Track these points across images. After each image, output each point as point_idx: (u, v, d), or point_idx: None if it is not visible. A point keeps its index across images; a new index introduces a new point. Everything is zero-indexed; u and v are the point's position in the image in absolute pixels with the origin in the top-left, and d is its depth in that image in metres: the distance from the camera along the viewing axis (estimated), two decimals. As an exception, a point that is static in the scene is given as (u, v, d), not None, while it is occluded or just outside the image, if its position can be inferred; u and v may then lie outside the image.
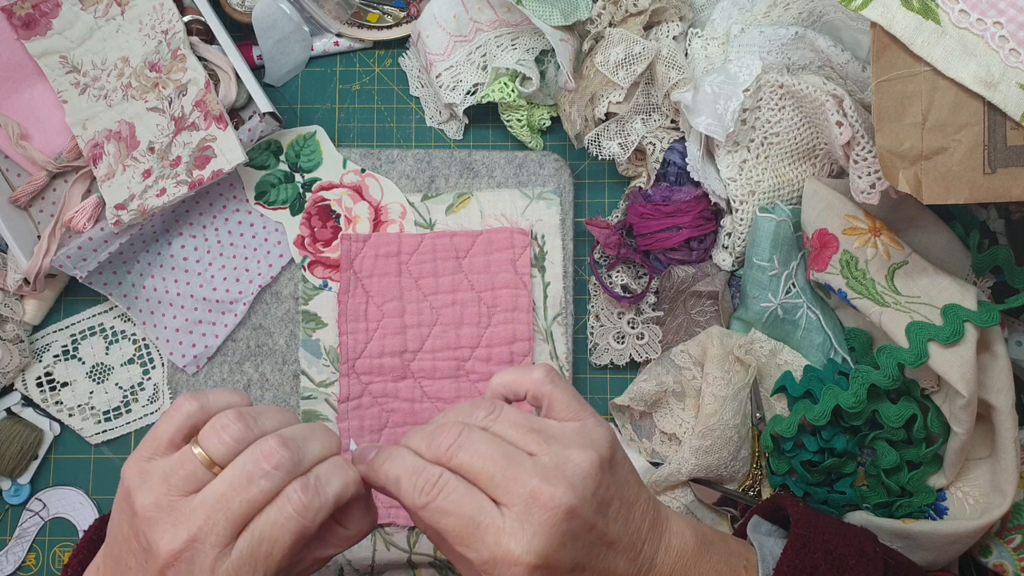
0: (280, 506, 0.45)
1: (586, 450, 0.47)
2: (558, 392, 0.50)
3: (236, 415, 0.47)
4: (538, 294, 0.77)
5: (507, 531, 0.44)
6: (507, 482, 0.45)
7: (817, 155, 0.72)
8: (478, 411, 0.49)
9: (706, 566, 0.51)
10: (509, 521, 0.45)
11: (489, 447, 0.46)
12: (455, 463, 0.46)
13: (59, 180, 0.79)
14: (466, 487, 0.46)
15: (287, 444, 0.46)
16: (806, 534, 0.52)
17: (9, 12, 0.77)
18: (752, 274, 0.72)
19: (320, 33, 0.81)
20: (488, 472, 0.45)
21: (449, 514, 0.45)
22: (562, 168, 0.78)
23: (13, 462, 0.76)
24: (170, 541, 0.44)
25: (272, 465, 0.45)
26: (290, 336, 0.78)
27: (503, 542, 0.44)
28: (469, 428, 0.47)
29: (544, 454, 0.46)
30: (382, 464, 0.49)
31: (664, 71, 0.72)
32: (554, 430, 0.48)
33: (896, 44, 0.56)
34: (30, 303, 0.78)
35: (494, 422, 0.49)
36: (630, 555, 0.48)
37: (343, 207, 0.78)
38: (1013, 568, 0.66)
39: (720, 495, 0.72)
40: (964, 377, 0.61)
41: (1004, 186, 0.55)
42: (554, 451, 0.47)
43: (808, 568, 0.51)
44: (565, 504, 0.45)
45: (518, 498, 0.45)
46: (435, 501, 0.45)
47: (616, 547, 0.48)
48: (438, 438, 0.47)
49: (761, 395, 0.73)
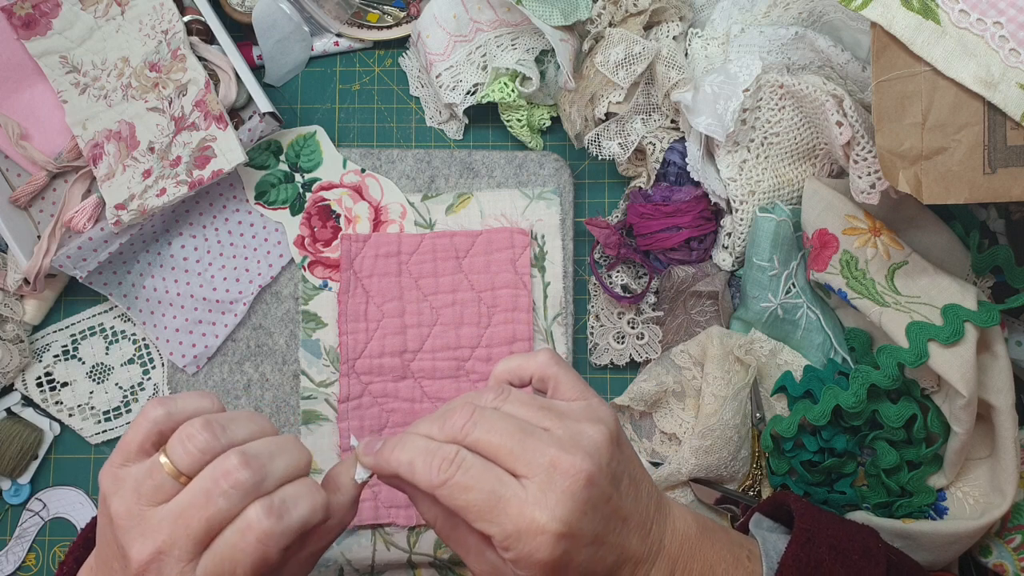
0: (240, 530, 0.44)
1: (596, 424, 0.47)
2: (564, 373, 0.51)
3: (203, 424, 0.46)
4: (538, 294, 0.77)
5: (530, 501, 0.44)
6: (526, 453, 0.45)
7: (817, 155, 0.72)
8: (486, 395, 0.49)
9: (710, 551, 0.51)
10: (531, 491, 0.44)
11: (504, 422, 0.46)
12: (471, 440, 0.46)
13: (59, 180, 0.79)
14: (483, 462, 0.46)
15: (249, 463, 0.45)
16: (810, 529, 0.53)
17: (9, 12, 0.77)
18: (752, 274, 0.72)
19: (320, 33, 0.81)
20: (506, 446, 0.45)
21: (470, 489, 0.45)
22: (562, 168, 0.78)
23: (13, 462, 0.76)
24: (139, 551, 0.44)
25: (230, 484, 0.44)
26: (290, 336, 0.78)
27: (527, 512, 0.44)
28: (481, 408, 0.47)
29: (557, 428, 0.47)
30: (392, 451, 0.48)
31: (664, 71, 0.72)
32: (563, 408, 0.49)
33: (896, 44, 0.56)
34: (30, 303, 0.78)
35: (503, 403, 0.49)
36: (641, 533, 0.49)
37: (343, 207, 0.78)
38: (1013, 568, 0.66)
39: (720, 495, 0.72)
40: (964, 377, 0.61)
41: (1004, 186, 0.55)
42: (567, 425, 0.47)
43: (812, 562, 0.51)
44: (585, 471, 0.45)
45: (539, 468, 0.45)
46: (454, 477, 0.45)
47: (629, 523, 0.48)
48: (451, 419, 0.47)
49: (761, 395, 0.73)
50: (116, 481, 0.46)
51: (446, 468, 0.45)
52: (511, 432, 0.46)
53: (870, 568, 0.52)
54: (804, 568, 0.50)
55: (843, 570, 0.51)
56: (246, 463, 0.45)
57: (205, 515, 0.44)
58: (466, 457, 0.46)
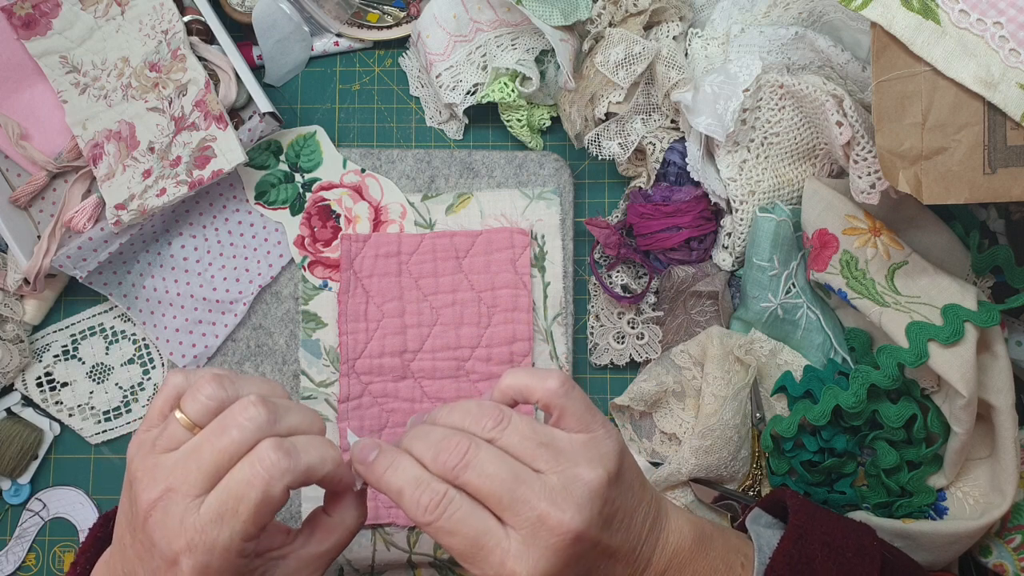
0: (250, 462, 0.45)
1: (595, 468, 0.47)
2: (571, 404, 0.49)
3: (212, 377, 0.47)
4: (538, 294, 0.77)
5: (512, 553, 0.45)
6: (515, 504, 0.45)
7: (817, 155, 0.72)
8: (485, 420, 0.48)
9: (702, 563, 0.51)
10: (515, 543, 0.45)
11: (496, 466, 0.46)
12: (461, 481, 0.46)
13: (59, 180, 0.79)
14: (471, 506, 0.46)
15: (264, 403, 0.46)
16: (803, 525, 0.52)
17: (9, 12, 0.77)
18: (752, 274, 0.72)
19: (320, 33, 0.81)
20: (496, 494, 0.45)
21: (454, 534, 0.45)
22: (562, 168, 0.78)
23: (13, 462, 0.76)
24: (148, 492, 0.45)
25: (245, 418, 0.45)
26: (290, 336, 0.78)
27: (508, 564, 0.44)
28: (476, 444, 0.47)
29: (552, 472, 0.46)
30: (383, 471, 0.48)
31: (664, 71, 0.72)
32: (563, 443, 0.48)
33: (896, 44, 0.56)
34: (30, 303, 0.78)
35: (502, 433, 0.48)
36: (628, 560, 0.49)
37: (343, 207, 0.78)
38: (1013, 568, 0.66)
39: (720, 495, 0.72)
40: (964, 377, 0.61)
41: (1004, 186, 0.55)
42: (563, 469, 0.46)
43: (804, 559, 0.51)
44: (573, 530, 0.45)
45: (525, 521, 0.45)
46: (439, 520, 0.45)
47: (616, 556, 0.48)
48: (444, 454, 0.47)
49: (761, 395, 0.73)
50: (139, 445, 0.47)
51: (433, 509, 0.46)
52: (502, 479, 0.46)
53: (864, 566, 0.51)
54: (795, 565, 0.50)
55: (836, 568, 0.51)
56: (261, 402, 0.46)
57: (217, 447, 0.45)
58: (454, 499, 0.46)
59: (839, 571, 0.51)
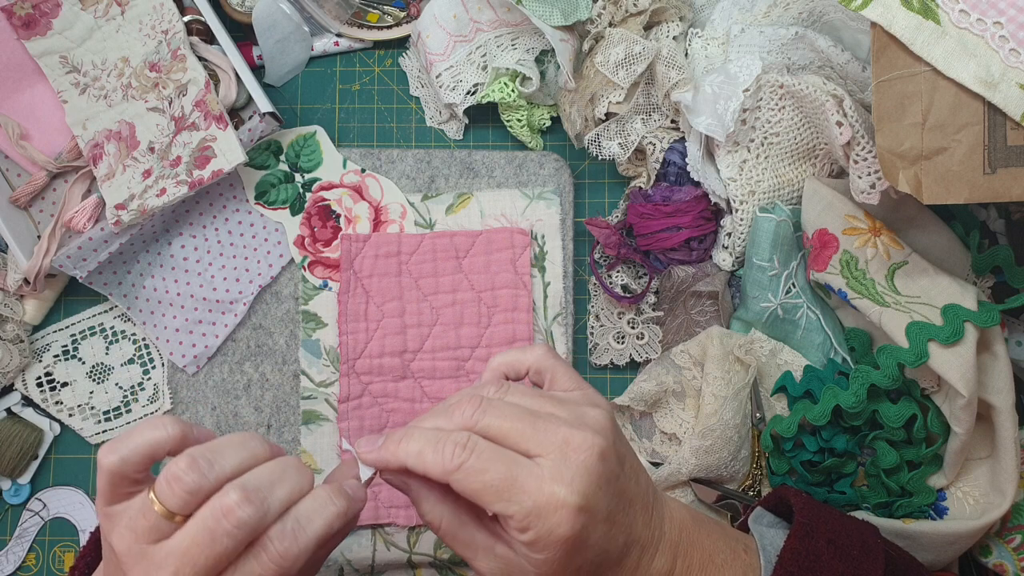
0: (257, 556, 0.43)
1: (597, 408, 0.49)
2: (560, 366, 0.52)
3: (189, 463, 0.43)
4: (538, 294, 0.77)
5: (548, 477, 0.45)
6: (538, 434, 0.46)
7: (817, 155, 0.72)
8: (487, 388, 0.50)
9: (706, 540, 0.52)
10: (547, 468, 0.45)
11: (512, 408, 0.47)
12: (481, 426, 0.47)
13: (59, 180, 0.79)
14: (496, 446, 0.46)
15: (250, 498, 0.43)
16: (809, 522, 0.53)
17: (9, 12, 0.77)
18: (752, 274, 0.72)
19: (320, 33, 0.81)
20: (517, 428, 0.46)
21: (485, 471, 0.45)
22: (562, 168, 0.78)
23: (13, 462, 0.76)
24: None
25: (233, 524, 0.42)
26: (290, 336, 0.78)
27: (546, 488, 0.44)
28: (487, 398, 0.48)
29: (562, 412, 0.48)
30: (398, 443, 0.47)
31: (664, 71, 0.72)
32: (563, 396, 0.50)
33: (896, 44, 0.56)
34: (30, 303, 0.78)
35: (505, 394, 0.49)
36: (645, 516, 0.49)
37: (343, 207, 0.78)
38: (1013, 568, 0.66)
39: (720, 495, 0.72)
40: (964, 377, 0.61)
41: (1004, 186, 0.55)
42: (570, 409, 0.48)
43: (811, 555, 0.51)
44: (598, 445, 0.46)
45: (552, 446, 0.45)
46: (468, 461, 0.45)
47: (634, 505, 0.48)
48: (458, 409, 0.47)
49: (761, 395, 0.73)
50: (109, 519, 0.45)
51: (459, 453, 0.45)
52: (521, 416, 0.46)
53: (869, 563, 0.52)
54: (803, 561, 0.51)
55: (842, 564, 0.51)
56: (247, 499, 0.43)
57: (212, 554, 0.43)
58: (478, 442, 0.46)
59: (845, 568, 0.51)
